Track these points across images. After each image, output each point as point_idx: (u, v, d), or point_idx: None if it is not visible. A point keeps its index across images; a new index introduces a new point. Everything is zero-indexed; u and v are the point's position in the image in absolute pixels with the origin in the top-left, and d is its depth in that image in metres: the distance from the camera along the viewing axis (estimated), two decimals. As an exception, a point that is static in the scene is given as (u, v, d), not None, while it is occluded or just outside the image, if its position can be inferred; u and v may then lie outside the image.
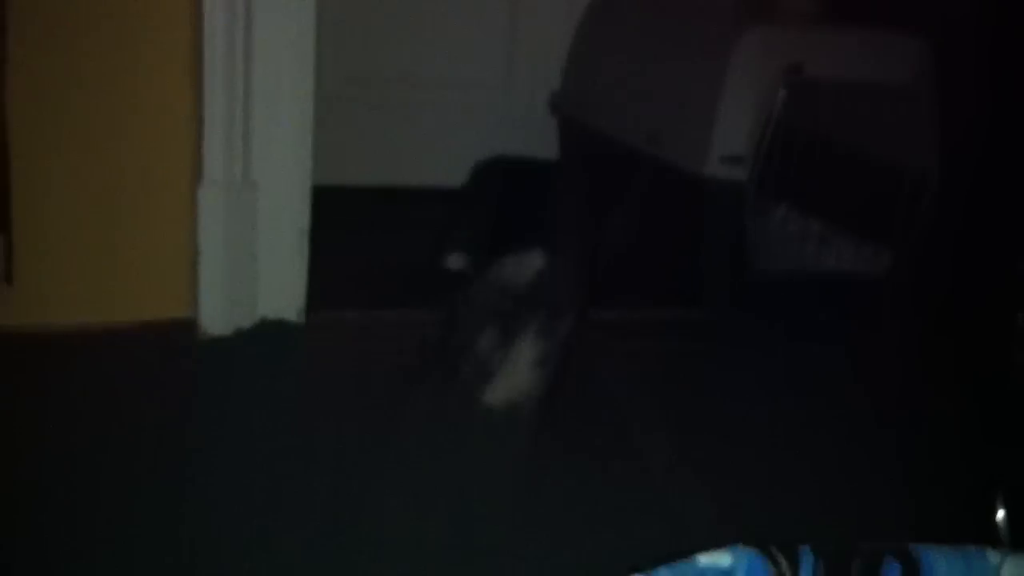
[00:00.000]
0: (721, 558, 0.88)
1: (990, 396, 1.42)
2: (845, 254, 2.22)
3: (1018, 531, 1.14)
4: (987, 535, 1.15)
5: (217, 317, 1.86)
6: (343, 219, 2.40)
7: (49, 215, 1.80)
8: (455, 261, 2.13)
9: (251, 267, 1.88)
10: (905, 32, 2.16)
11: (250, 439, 1.59)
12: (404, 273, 2.22)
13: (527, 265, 1.34)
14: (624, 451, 1.66)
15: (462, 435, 1.32)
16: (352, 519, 1.38)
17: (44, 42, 1.73)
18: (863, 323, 2.08)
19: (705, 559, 0.88)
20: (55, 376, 1.71)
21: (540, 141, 2.72)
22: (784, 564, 0.88)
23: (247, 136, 1.83)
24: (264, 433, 1.62)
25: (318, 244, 1.92)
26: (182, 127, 1.81)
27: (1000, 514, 1.11)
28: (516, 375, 1.30)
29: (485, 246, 2.00)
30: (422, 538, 1.31)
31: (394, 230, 2.47)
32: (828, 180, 2.12)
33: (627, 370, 1.90)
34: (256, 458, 1.55)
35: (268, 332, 1.90)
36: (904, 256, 2.19)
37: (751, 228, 2.11)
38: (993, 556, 0.90)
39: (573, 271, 1.45)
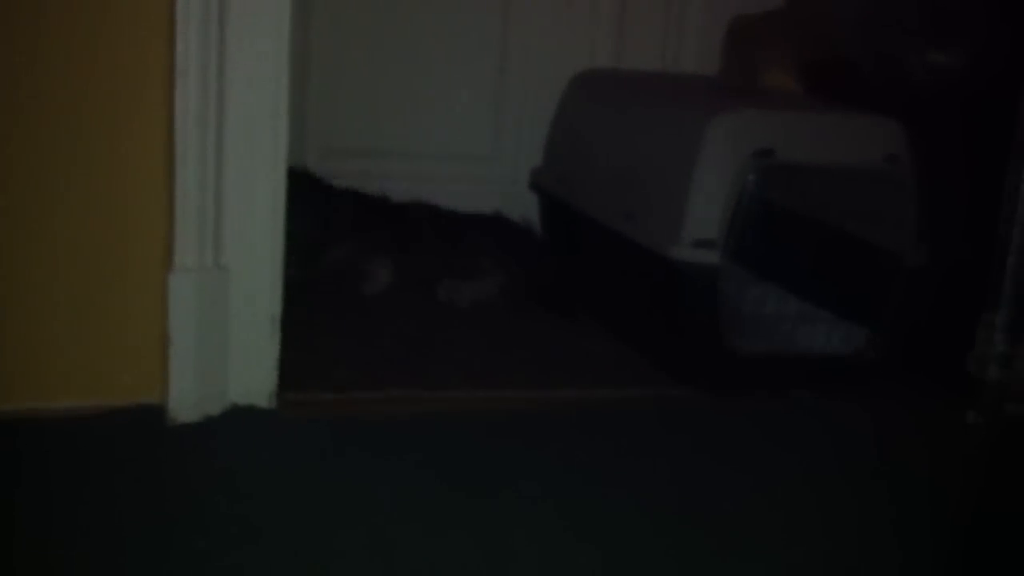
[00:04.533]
0: None
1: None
2: (821, 334, 2.22)
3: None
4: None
5: (186, 404, 1.86)
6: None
7: (17, 301, 1.80)
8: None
9: (222, 353, 1.88)
10: (878, 114, 2.18)
11: (212, 528, 1.59)
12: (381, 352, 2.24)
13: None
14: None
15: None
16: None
17: (9, 131, 1.74)
18: (840, 400, 2.09)
19: None
20: (19, 462, 1.71)
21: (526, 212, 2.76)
22: None
23: (219, 222, 1.84)
24: (226, 521, 1.61)
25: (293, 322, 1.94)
26: (154, 213, 1.81)
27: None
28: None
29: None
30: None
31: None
32: (802, 261, 2.13)
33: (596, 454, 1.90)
34: (219, 548, 1.54)
35: (238, 418, 1.90)
36: (881, 335, 2.20)
37: (725, 309, 2.11)
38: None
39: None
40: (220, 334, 1.87)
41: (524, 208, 2.76)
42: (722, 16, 2.69)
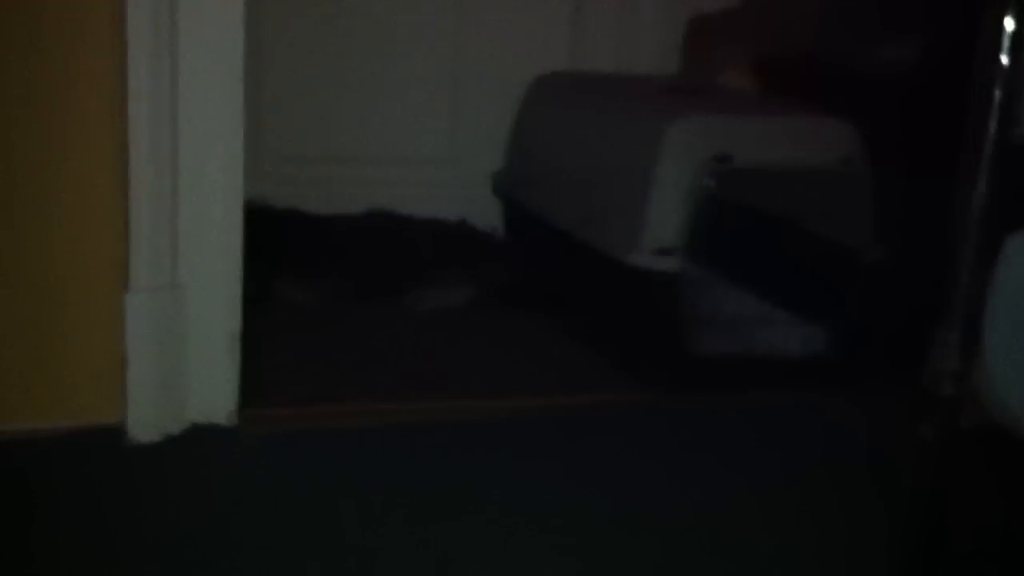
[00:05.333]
0: None
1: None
2: (780, 335, 2.23)
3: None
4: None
5: (145, 424, 1.84)
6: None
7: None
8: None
9: (180, 372, 1.86)
10: (833, 115, 2.18)
11: (168, 551, 1.57)
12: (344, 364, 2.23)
13: None
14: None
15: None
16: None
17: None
18: (798, 402, 2.10)
19: None
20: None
21: (486, 216, 2.75)
22: None
23: (174, 241, 1.82)
24: (183, 543, 1.60)
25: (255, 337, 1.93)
26: (109, 234, 1.79)
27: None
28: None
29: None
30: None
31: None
32: (761, 263, 2.14)
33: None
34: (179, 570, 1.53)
35: (197, 437, 1.88)
36: (840, 335, 2.21)
37: (686, 314, 2.12)
38: None
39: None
40: (178, 353, 1.86)
41: (490, 214, 2.76)
42: (679, 15, 2.70)
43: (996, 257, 1.26)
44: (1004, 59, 1.15)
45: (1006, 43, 1.15)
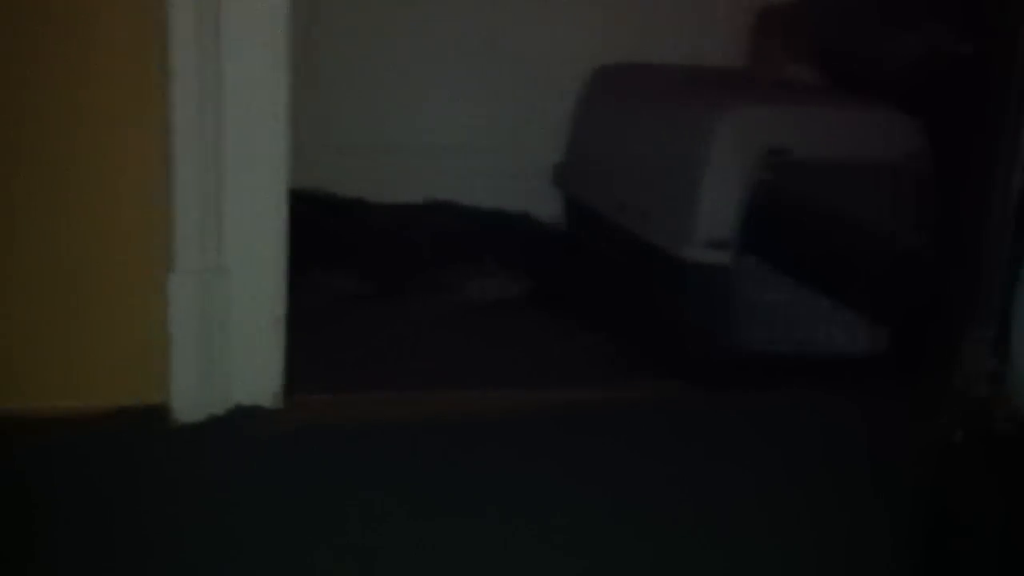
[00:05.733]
0: None
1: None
2: (836, 334, 2.17)
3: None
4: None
5: (190, 404, 1.86)
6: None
7: (20, 302, 1.81)
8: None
9: (225, 354, 1.87)
10: (898, 109, 2.12)
11: (205, 534, 1.59)
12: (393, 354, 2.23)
13: None
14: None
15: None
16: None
17: (10, 136, 1.75)
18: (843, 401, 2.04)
19: None
20: (22, 461, 1.72)
21: (550, 209, 2.74)
22: None
23: (220, 222, 1.83)
24: (227, 526, 1.61)
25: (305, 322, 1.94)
26: (155, 215, 1.81)
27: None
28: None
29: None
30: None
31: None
32: (817, 260, 2.08)
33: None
34: (207, 555, 1.55)
35: (241, 419, 1.90)
36: (896, 334, 2.15)
37: (737, 310, 2.08)
38: None
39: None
40: (223, 335, 1.87)
41: (554, 207, 2.73)
42: (750, 6, 2.65)
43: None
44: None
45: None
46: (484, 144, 2.82)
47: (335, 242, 2.62)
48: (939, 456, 1.14)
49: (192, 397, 1.86)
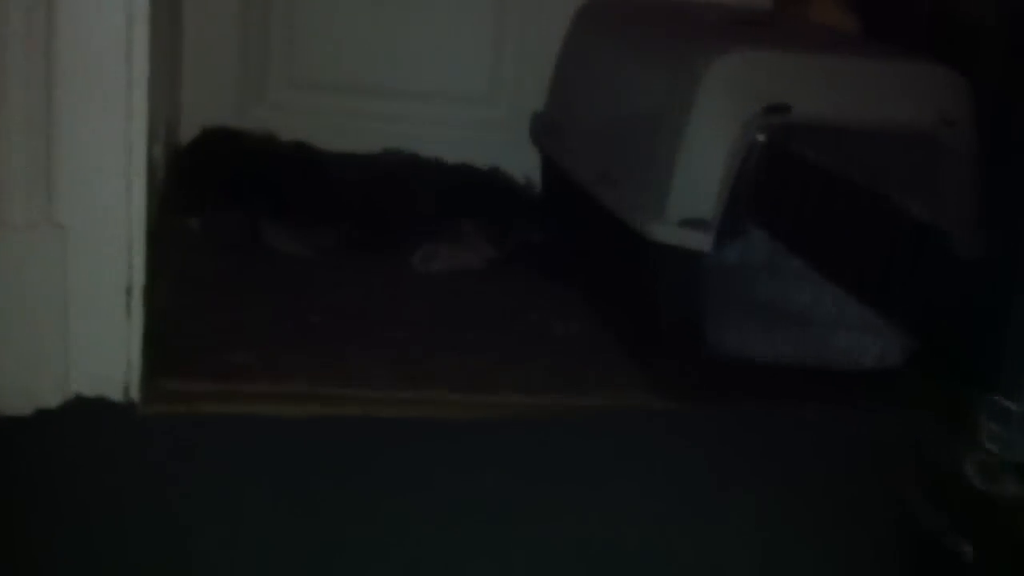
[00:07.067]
0: None
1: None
2: (834, 338, 1.76)
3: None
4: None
5: (12, 392, 1.49)
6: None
7: None
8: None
9: (60, 332, 1.50)
10: (935, 62, 1.69)
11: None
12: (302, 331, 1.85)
13: None
14: None
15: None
16: None
17: None
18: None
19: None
20: None
21: (524, 165, 2.33)
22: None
23: (51, 167, 1.45)
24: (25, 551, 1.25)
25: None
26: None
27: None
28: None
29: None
30: None
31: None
32: (818, 249, 1.66)
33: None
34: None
35: (80, 413, 1.52)
36: (920, 341, 1.73)
37: (715, 305, 1.66)
38: None
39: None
40: (56, 308, 1.49)
41: (529, 163, 2.33)
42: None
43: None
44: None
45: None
46: (455, 88, 2.41)
47: (276, 193, 2.24)
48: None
49: (15, 383, 1.49)
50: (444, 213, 2.27)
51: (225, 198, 2.18)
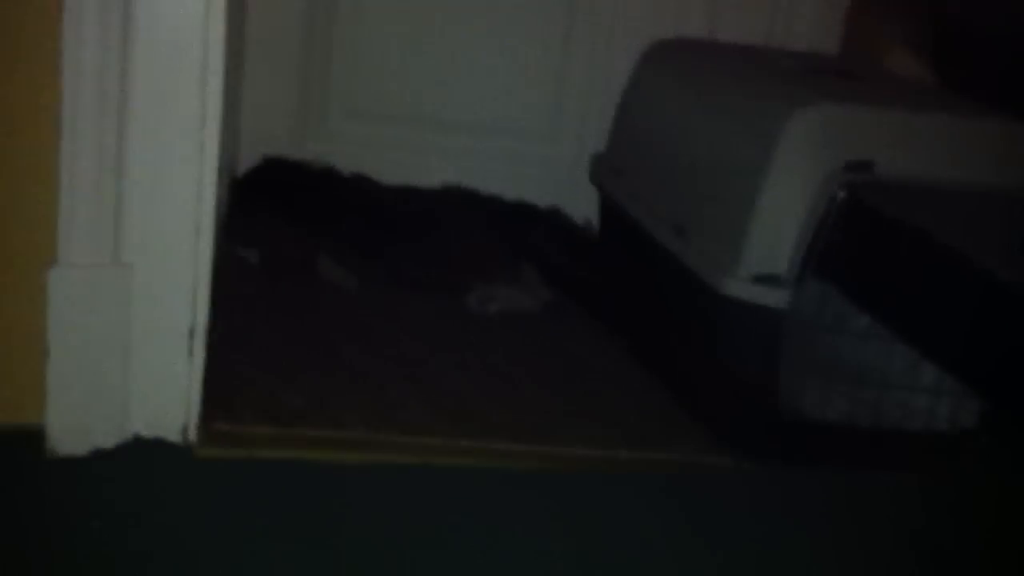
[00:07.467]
0: None
1: None
2: (915, 402, 1.70)
3: None
4: None
5: (70, 432, 1.46)
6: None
7: None
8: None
9: (120, 372, 1.48)
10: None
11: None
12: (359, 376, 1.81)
13: None
14: None
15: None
16: None
17: None
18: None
19: None
20: None
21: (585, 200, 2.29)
22: None
23: (120, 206, 1.43)
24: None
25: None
26: (34, 190, 1.41)
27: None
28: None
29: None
30: None
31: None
32: (895, 309, 1.61)
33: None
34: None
35: (137, 455, 1.50)
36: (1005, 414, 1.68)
37: (791, 364, 1.61)
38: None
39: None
40: (118, 348, 1.47)
41: (589, 204, 2.29)
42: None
43: None
44: None
45: None
46: (517, 124, 2.38)
47: (334, 227, 2.21)
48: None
49: (73, 423, 1.47)
50: (502, 252, 2.23)
51: (284, 231, 2.16)
